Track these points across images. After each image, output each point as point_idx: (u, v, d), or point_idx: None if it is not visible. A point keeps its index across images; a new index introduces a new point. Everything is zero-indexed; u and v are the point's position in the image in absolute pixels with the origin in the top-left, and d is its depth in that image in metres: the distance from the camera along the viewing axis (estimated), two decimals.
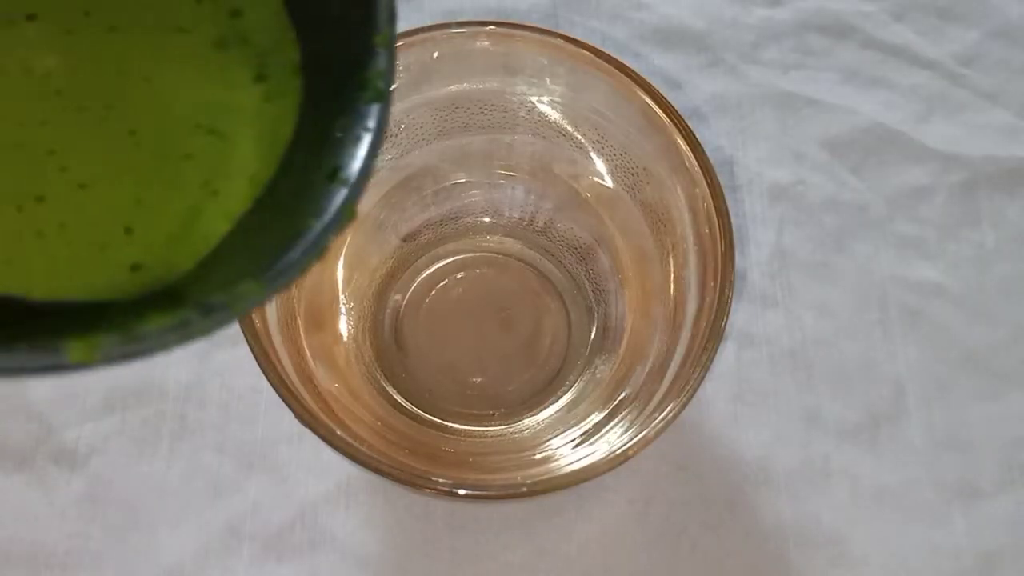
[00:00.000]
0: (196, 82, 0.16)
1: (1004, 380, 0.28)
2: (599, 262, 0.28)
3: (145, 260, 0.15)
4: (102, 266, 0.15)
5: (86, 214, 0.15)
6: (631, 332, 0.27)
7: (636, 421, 0.22)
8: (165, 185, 0.15)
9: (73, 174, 0.15)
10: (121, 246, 0.15)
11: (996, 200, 0.30)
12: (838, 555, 0.26)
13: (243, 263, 0.14)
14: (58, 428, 0.26)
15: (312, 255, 0.14)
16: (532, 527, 0.26)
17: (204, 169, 0.16)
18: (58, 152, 0.15)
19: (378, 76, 0.16)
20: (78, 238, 0.15)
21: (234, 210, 0.15)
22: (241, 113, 0.16)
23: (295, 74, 0.16)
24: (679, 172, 0.23)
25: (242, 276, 0.14)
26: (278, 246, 0.14)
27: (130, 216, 0.15)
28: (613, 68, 0.23)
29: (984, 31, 0.33)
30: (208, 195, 0.15)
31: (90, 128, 0.15)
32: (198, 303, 0.13)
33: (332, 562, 0.25)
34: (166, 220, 0.15)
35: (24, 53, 0.16)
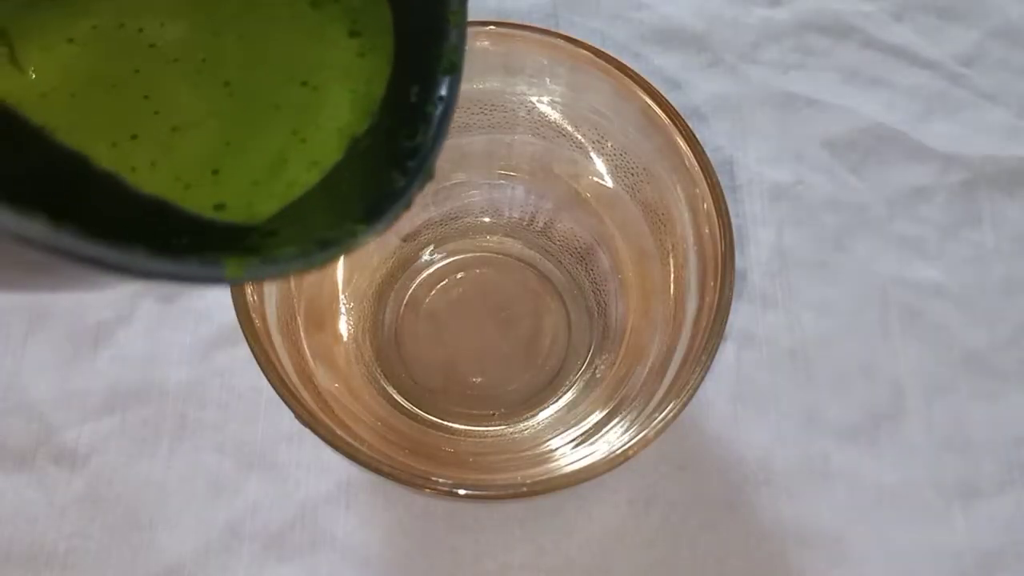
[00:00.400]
0: (291, 37, 0.17)
1: (1004, 380, 0.28)
2: (599, 262, 0.28)
3: (229, 201, 0.15)
4: (188, 203, 0.15)
5: (176, 154, 0.16)
6: (631, 332, 0.27)
7: (636, 421, 0.22)
8: (254, 131, 0.16)
9: (166, 118, 0.16)
10: (207, 186, 0.16)
11: (996, 200, 0.30)
12: (838, 555, 0.26)
13: (331, 212, 0.15)
14: (58, 428, 0.26)
15: (401, 207, 0.15)
16: (532, 527, 0.26)
17: (294, 118, 0.16)
18: (152, 97, 0.16)
19: (452, 50, 0.16)
20: (167, 175, 0.16)
21: (321, 160, 0.16)
22: (334, 67, 0.17)
23: (387, 33, 0.17)
24: (679, 172, 0.23)
25: (342, 219, 0.15)
26: (368, 198, 0.15)
27: (218, 159, 0.16)
28: (613, 68, 0.23)
29: (984, 31, 0.33)
30: (296, 143, 0.16)
31: (184, 78, 0.16)
32: (316, 238, 0.14)
33: (332, 562, 0.25)
34: (253, 164, 0.16)
35: (114, 13, 0.16)
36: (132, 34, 0.17)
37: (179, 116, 0.16)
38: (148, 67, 0.16)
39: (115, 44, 0.16)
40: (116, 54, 0.16)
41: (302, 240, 0.14)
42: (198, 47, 0.17)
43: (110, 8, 0.17)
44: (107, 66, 0.16)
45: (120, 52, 0.16)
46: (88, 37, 0.16)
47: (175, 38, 0.17)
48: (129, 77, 0.16)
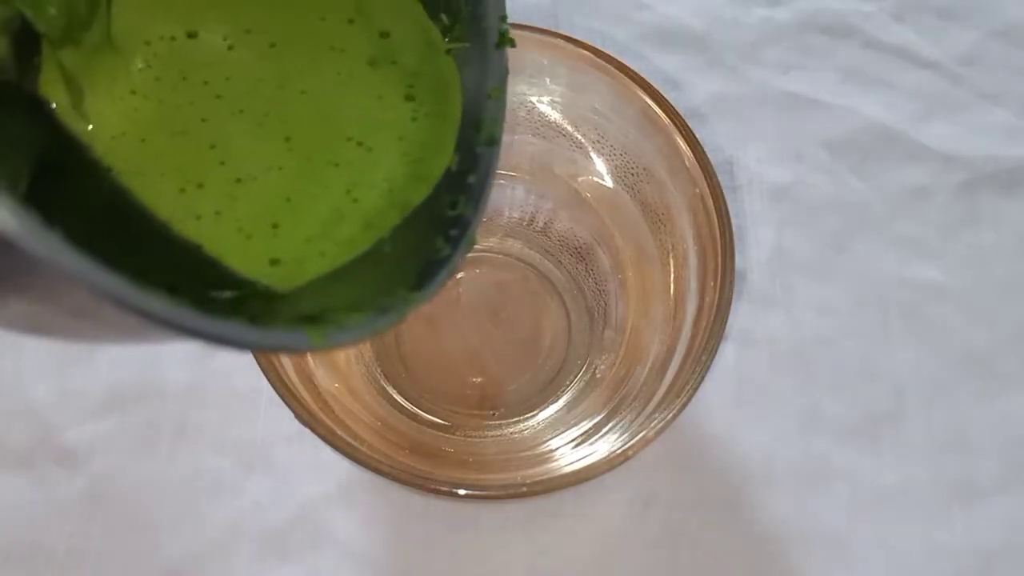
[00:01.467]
0: (350, 97, 0.17)
1: (1004, 380, 0.28)
2: (599, 262, 0.28)
3: (284, 256, 0.16)
4: (246, 255, 0.16)
5: (240, 206, 0.16)
6: (631, 332, 0.27)
7: (636, 421, 0.22)
8: (312, 187, 0.17)
9: (231, 169, 0.16)
10: (266, 239, 0.16)
11: (996, 200, 0.30)
12: (838, 555, 0.26)
13: (381, 278, 0.16)
14: (58, 428, 0.26)
15: (448, 275, 0.16)
16: (532, 527, 0.26)
17: (349, 177, 0.17)
18: (218, 147, 0.16)
19: (492, 123, 0.17)
20: (230, 226, 0.16)
21: (375, 223, 0.16)
22: (389, 129, 0.17)
23: (442, 99, 0.17)
24: (679, 172, 0.23)
25: (394, 286, 0.15)
26: (415, 264, 0.16)
27: (278, 213, 0.16)
28: (613, 68, 0.23)
29: (984, 31, 0.33)
30: (349, 202, 0.17)
31: (248, 130, 0.17)
32: (378, 307, 0.14)
33: (332, 562, 0.25)
34: (310, 221, 0.16)
35: (184, 65, 0.17)
36: (197, 85, 0.17)
37: (243, 168, 0.16)
38: (215, 117, 0.17)
39: (181, 94, 0.17)
40: (184, 103, 0.17)
41: (365, 307, 0.14)
42: (263, 100, 0.17)
43: (171, 61, 0.17)
44: (175, 115, 0.17)
45: (187, 102, 0.17)
46: (151, 89, 0.17)
47: (241, 90, 0.17)
48: (196, 126, 0.17)
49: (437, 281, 0.16)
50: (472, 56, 0.17)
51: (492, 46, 0.17)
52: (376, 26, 0.18)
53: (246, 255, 0.16)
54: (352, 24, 0.18)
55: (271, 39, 0.17)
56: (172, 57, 0.17)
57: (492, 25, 0.17)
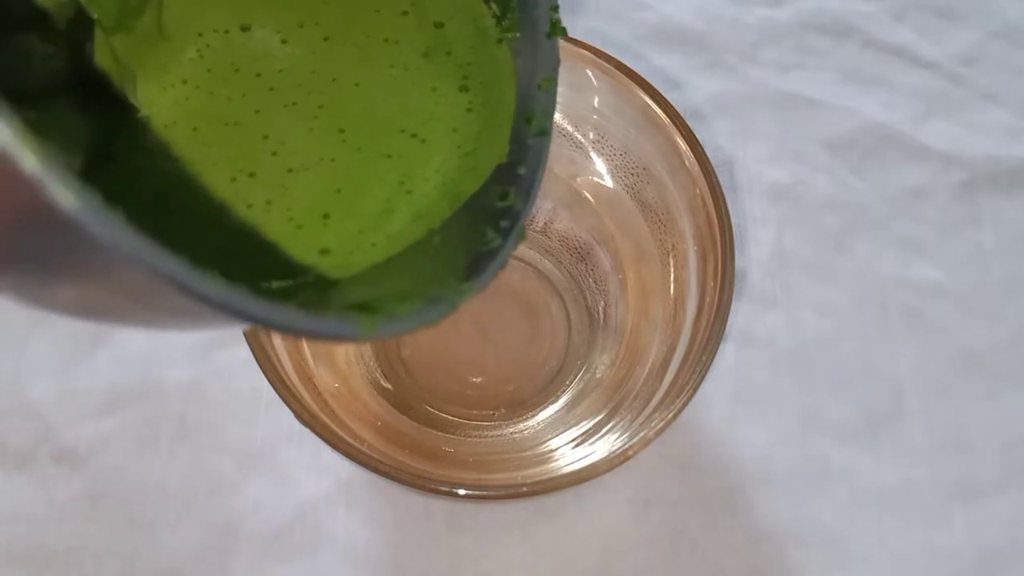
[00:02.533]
0: (404, 89, 0.17)
1: (1004, 380, 0.28)
2: (599, 262, 0.28)
3: (334, 246, 0.16)
4: (296, 244, 0.16)
5: (291, 195, 0.16)
6: (631, 332, 0.27)
7: (636, 421, 0.22)
8: (364, 179, 0.17)
9: (283, 159, 0.16)
10: (317, 229, 0.16)
11: (996, 200, 0.30)
12: (838, 555, 0.26)
13: (432, 267, 0.16)
14: (58, 428, 0.26)
15: (497, 266, 0.16)
16: (532, 527, 0.26)
17: (402, 168, 0.17)
18: (271, 138, 0.17)
19: (542, 114, 0.17)
20: (280, 215, 0.16)
21: (426, 215, 0.16)
22: (443, 120, 0.17)
23: (495, 90, 0.18)
24: (679, 172, 0.23)
25: (445, 276, 0.15)
26: (466, 255, 0.16)
27: (329, 203, 0.16)
28: (613, 68, 0.23)
29: (984, 31, 0.33)
30: (403, 193, 0.17)
31: (301, 122, 0.17)
32: (427, 297, 0.14)
33: (332, 562, 0.25)
34: (361, 212, 0.16)
35: (236, 57, 0.17)
36: (250, 77, 0.17)
37: (295, 158, 0.16)
38: (267, 108, 0.17)
39: (233, 86, 0.17)
40: (236, 95, 0.17)
41: (414, 296, 0.14)
42: (316, 92, 0.17)
43: (223, 53, 0.17)
44: (228, 106, 0.17)
45: (239, 93, 0.17)
46: (202, 79, 0.17)
47: (294, 82, 0.17)
48: (249, 117, 0.17)
49: (489, 271, 0.16)
50: (522, 46, 0.17)
51: (543, 35, 0.17)
52: (430, 16, 0.18)
53: (297, 244, 0.16)
54: (406, 15, 0.18)
55: (325, 32, 0.17)
56: (225, 49, 0.17)
57: (543, 14, 0.17)
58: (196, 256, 0.10)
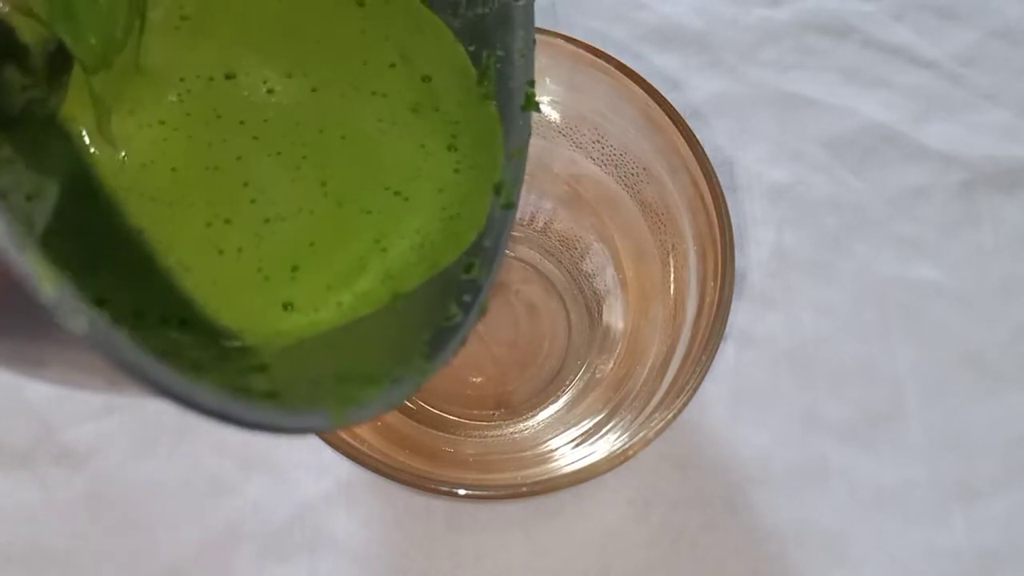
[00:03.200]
0: (390, 144, 0.17)
1: (1004, 380, 0.28)
2: (599, 262, 0.28)
3: (298, 301, 0.15)
4: (260, 295, 0.15)
5: (264, 245, 0.16)
6: (631, 332, 0.27)
7: (636, 421, 0.22)
8: (341, 233, 0.16)
9: (261, 207, 0.16)
10: (283, 281, 0.16)
11: (996, 200, 0.30)
12: (838, 555, 0.26)
13: (394, 341, 0.15)
14: (58, 428, 0.26)
15: (459, 343, 0.15)
16: (532, 527, 0.26)
17: (380, 226, 0.17)
18: (251, 185, 0.16)
19: (510, 186, 0.17)
20: (249, 264, 0.16)
21: (399, 278, 0.16)
22: (430, 179, 0.17)
23: (484, 152, 0.17)
24: (679, 172, 0.23)
25: (408, 354, 0.15)
26: (427, 330, 0.15)
27: (301, 255, 0.16)
28: (613, 68, 0.23)
29: (984, 31, 0.33)
30: (377, 251, 0.16)
31: (284, 172, 0.17)
32: (393, 379, 0.14)
33: (332, 562, 0.25)
34: (332, 267, 0.16)
35: (219, 104, 0.17)
36: (233, 124, 0.17)
37: (273, 208, 0.16)
38: (250, 156, 0.17)
39: (214, 131, 0.17)
40: (217, 140, 0.17)
41: (381, 379, 0.14)
42: (301, 143, 0.17)
43: (205, 99, 0.17)
44: (208, 150, 0.16)
45: (220, 139, 0.17)
46: (181, 122, 0.16)
47: (279, 132, 0.17)
48: (230, 163, 0.16)
49: (449, 349, 0.15)
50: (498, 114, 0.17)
51: (518, 107, 0.17)
52: (418, 70, 0.17)
53: (261, 295, 0.15)
54: (394, 68, 0.17)
55: (313, 83, 0.17)
56: (207, 95, 0.17)
57: (518, 87, 0.17)
58: (152, 303, 0.10)
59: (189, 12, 0.16)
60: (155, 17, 0.16)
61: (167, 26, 0.16)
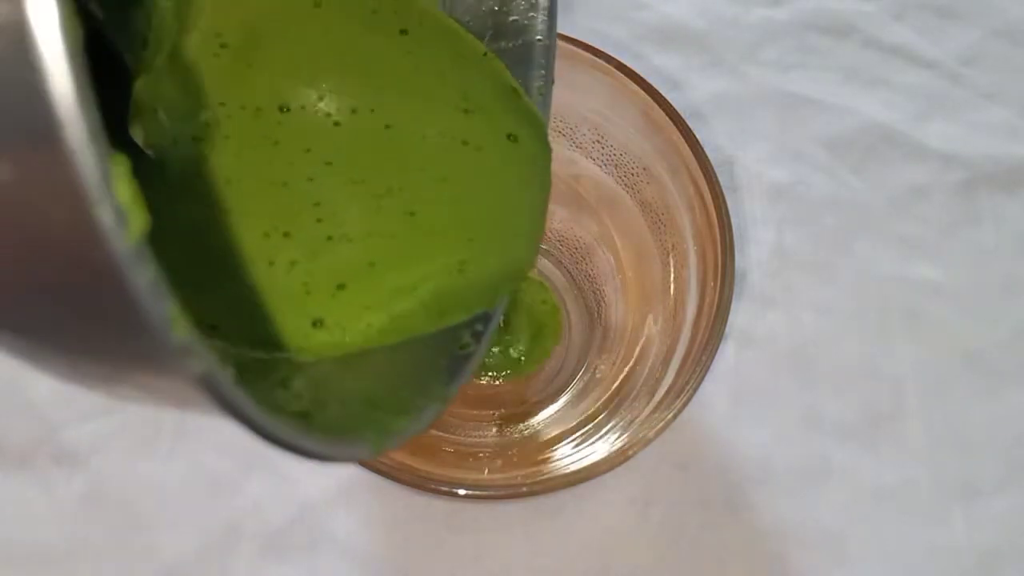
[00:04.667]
0: (484, 191, 0.17)
1: (1004, 380, 0.28)
2: (599, 262, 0.28)
3: (330, 319, 0.16)
4: (296, 309, 0.16)
5: (318, 261, 0.16)
6: (631, 332, 0.27)
7: (636, 421, 0.22)
8: (409, 261, 0.17)
9: (327, 226, 0.16)
10: (324, 298, 0.16)
11: (996, 200, 0.30)
12: (838, 555, 0.26)
13: (413, 372, 0.16)
14: (58, 428, 0.26)
15: (471, 371, 0.16)
16: (532, 527, 0.26)
17: (465, 254, 0.17)
18: (322, 206, 0.16)
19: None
20: (297, 278, 0.16)
21: (446, 312, 0.16)
22: (518, 222, 0.18)
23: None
24: (679, 172, 0.23)
25: (429, 383, 0.15)
26: (443, 360, 0.16)
27: (354, 275, 0.16)
28: (613, 68, 0.23)
29: (984, 31, 0.33)
30: (454, 272, 0.17)
31: (364, 199, 0.17)
32: (416, 408, 0.15)
33: (332, 562, 0.25)
34: (382, 287, 0.16)
35: (273, 133, 0.17)
36: (296, 151, 0.17)
37: (340, 228, 0.16)
38: (323, 179, 0.17)
39: (275, 154, 0.17)
40: (279, 162, 0.17)
41: (406, 409, 0.15)
42: (386, 176, 0.17)
43: (250, 126, 0.17)
44: (270, 168, 0.17)
45: (285, 161, 0.17)
46: (220, 143, 0.16)
47: (356, 162, 0.17)
48: (300, 183, 0.17)
49: (463, 377, 0.16)
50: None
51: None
52: (502, 128, 0.18)
53: (296, 310, 0.16)
54: (468, 113, 0.18)
55: (385, 120, 0.17)
56: (254, 123, 0.17)
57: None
58: (194, 302, 0.10)
59: (229, 41, 0.16)
60: (191, 40, 0.16)
61: (205, 51, 0.16)
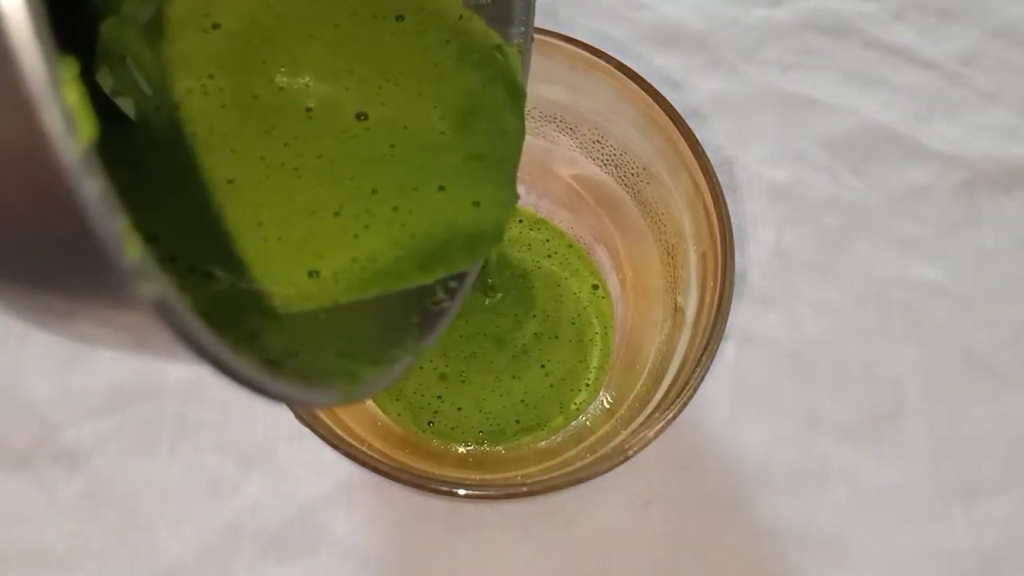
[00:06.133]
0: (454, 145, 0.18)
1: (1004, 380, 0.28)
2: (599, 262, 0.28)
3: (323, 270, 0.16)
4: (291, 258, 0.16)
5: (311, 222, 0.17)
6: (631, 332, 0.27)
7: (636, 421, 0.22)
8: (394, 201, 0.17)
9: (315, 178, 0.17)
10: (320, 244, 0.16)
11: (996, 200, 0.30)
12: (838, 555, 0.26)
13: (387, 325, 0.16)
14: (58, 428, 0.26)
15: (445, 325, 0.16)
16: (532, 527, 0.26)
17: (441, 214, 0.17)
18: (323, 157, 0.17)
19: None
20: (292, 239, 0.16)
21: (429, 265, 0.17)
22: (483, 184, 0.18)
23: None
24: (679, 172, 0.23)
25: (401, 335, 0.16)
26: (416, 313, 0.16)
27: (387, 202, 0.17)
28: (613, 68, 0.23)
29: (984, 31, 0.33)
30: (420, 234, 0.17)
31: (367, 164, 0.17)
32: (390, 359, 0.15)
33: (332, 562, 0.25)
34: (345, 250, 0.17)
35: (270, 113, 0.17)
36: (294, 120, 0.17)
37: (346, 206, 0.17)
38: (313, 143, 0.17)
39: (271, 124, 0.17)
40: (276, 132, 0.17)
41: (380, 360, 0.15)
42: (382, 193, 0.17)
43: (246, 107, 0.17)
44: (268, 140, 0.17)
45: (283, 135, 0.17)
46: (214, 112, 0.17)
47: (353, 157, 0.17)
48: (313, 160, 0.17)
49: (437, 332, 0.16)
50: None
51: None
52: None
53: (290, 259, 0.16)
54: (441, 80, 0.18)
55: (390, 141, 0.18)
56: (249, 104, 0.17)
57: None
58: (191, 256, 0.10)
59: (221, 21, 0.17)
60: (174, 10, 0.16)
61: (191, 25, 0.16)
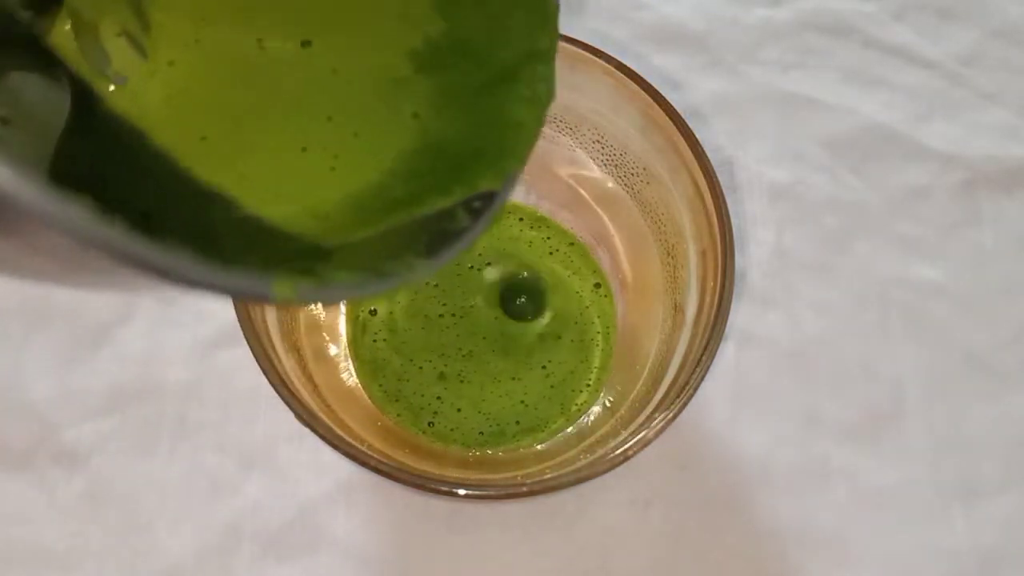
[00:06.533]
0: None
1: (1004, 380, 0.28)
2: (599, 262, 0.28)
3: (332, 210, 0.16)
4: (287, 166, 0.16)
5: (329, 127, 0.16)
6: (631, 332, 0.27)
7: (636, 421, 0.22)
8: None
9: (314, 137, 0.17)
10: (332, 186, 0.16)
11: (996, 200, 0.30)
12: (838, 555, 0.26)
13: (393, 242, 0.15)
14: (58, 428, 0.26)
15: (461, 247, 0.15)
16: (532, 527, 0.26)
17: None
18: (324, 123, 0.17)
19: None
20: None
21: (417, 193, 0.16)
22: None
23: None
24: (679, 172, 0.23)
25: (402, 251, 0.14)
26: (431, 232, 0.15)
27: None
28: (613, 68, 0.23)
29: (984, 31, 0.33)
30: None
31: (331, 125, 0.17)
32: (374, 269, 0.13)
33: (332, 562, 0.25)
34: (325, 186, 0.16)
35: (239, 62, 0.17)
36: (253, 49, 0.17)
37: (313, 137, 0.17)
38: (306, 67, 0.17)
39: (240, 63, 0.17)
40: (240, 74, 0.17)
41: (358, 266, 0.13)
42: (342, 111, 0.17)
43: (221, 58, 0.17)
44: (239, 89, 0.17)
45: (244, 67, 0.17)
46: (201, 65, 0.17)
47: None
48: (323, 124, 0.17)
49: (450, 252, 0.14)
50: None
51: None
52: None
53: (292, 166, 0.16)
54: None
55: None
56: (225, 54, 0.17)
57: None
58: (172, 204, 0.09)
59: None
60: None
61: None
